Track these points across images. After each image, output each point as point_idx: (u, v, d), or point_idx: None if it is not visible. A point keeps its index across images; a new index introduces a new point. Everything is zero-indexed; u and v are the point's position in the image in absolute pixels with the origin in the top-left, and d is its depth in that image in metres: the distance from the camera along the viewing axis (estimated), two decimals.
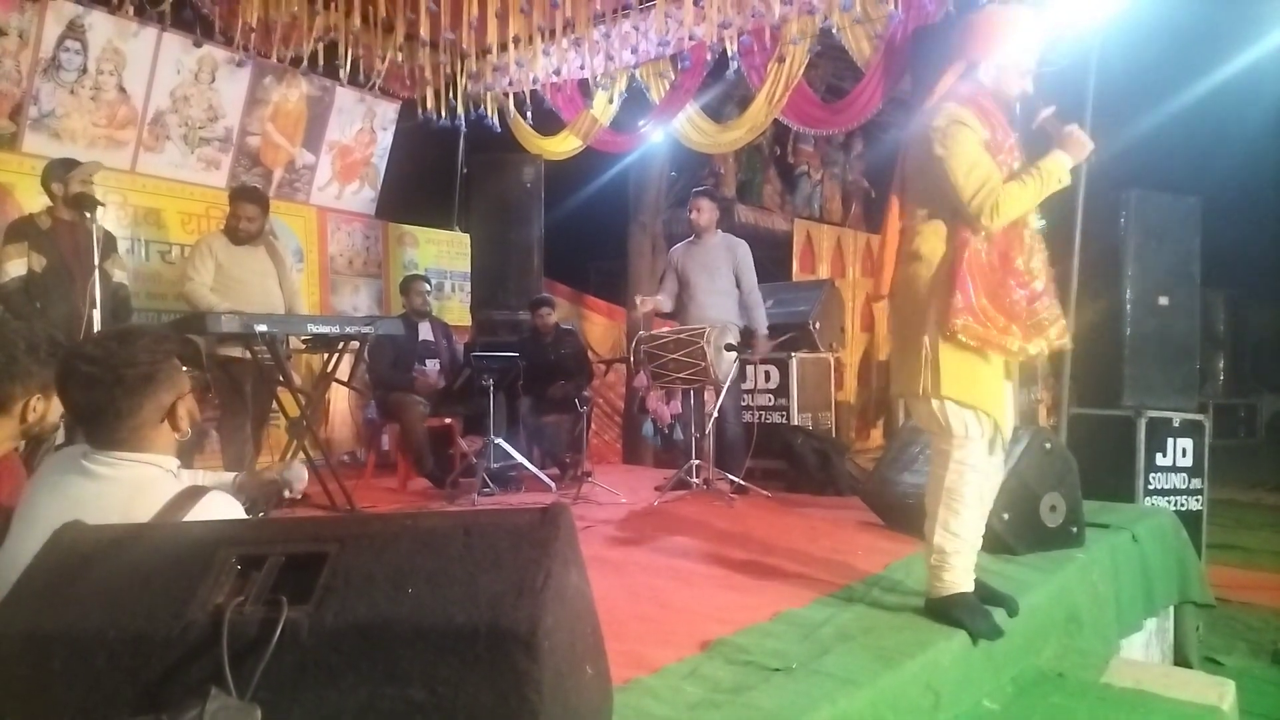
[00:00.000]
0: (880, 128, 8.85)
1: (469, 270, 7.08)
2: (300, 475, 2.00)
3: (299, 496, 2.01)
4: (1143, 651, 3.71)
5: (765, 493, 4.79)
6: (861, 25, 5.13)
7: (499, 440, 4.83)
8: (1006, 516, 3.30)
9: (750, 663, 2.14)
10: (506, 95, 6.92)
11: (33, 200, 4.43)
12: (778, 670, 2.08)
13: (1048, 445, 3.50)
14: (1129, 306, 5.14)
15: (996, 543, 3.29)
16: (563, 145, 7.05)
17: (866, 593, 2.80)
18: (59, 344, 1.88)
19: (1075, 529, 3.44)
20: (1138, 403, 5.03)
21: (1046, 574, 3.09)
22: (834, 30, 5.18)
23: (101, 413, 1.66)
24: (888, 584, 2.91)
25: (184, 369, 1.78)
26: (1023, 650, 2.65)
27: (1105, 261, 5.11)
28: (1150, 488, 4.90)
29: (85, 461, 1.67)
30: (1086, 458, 3.78)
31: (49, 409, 1.90)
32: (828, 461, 5.11)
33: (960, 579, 2.50)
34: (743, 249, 5.19)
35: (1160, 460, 4.94)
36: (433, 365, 5.59)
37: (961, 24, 2.66)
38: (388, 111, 7.05)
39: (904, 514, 3.75)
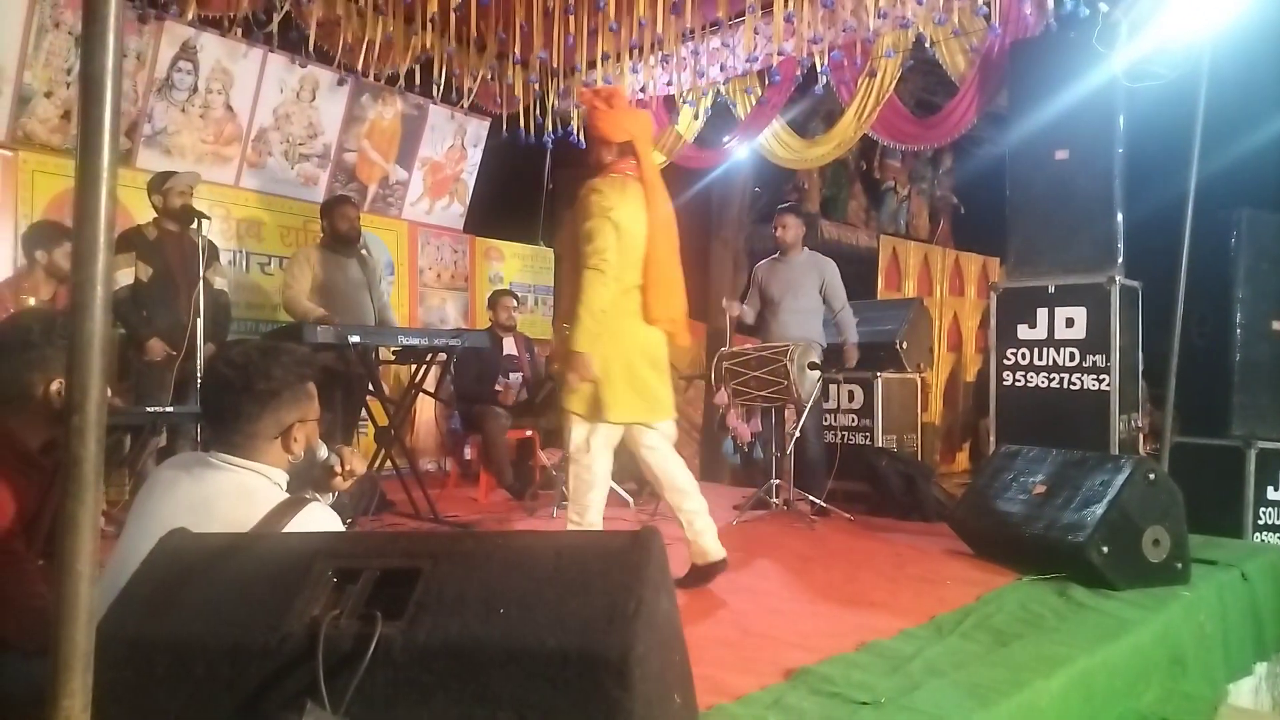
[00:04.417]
0: (972, 142, 8.62)
1: (552, 284, 7.15)
2: (348, 456, 1.99)
3: (356, 473, 1.99)
4: (1252, 698, 3.50)
5: (847, 515, 4.70)
6: (957, 39, 5.02)
7: None
8: (1106, 549, 3.17)
9: (836, 694, 2.08)
10: None
11: (144, 213, 4.63)
12: (865, 704, 2.02)
13: (1152, 476, 3.34)
14: (1239, 331, 4.91)
15: (1094, 576, 3.15)
16: None
17: (957, 625, 2.71)
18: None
19: (1180, 565, 3.27)
20: (1247, 432, 4.78)
21: (1149, 611, 2.94)
22: (927, 44, 5.08)
23: (224, 415, 1.77)
24: (979, 617, 2.80)
25: (315, 398, 1.84)
26: (1124, 693, 2.53)
27: (1214, 284, 4.88)
28: (1260, 523, 4.64)
29: (205, 458, 1.77)
30: (1190, 489, 3.59)
31: None
32: (913, 485, 4.97)
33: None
34: (831, 269, 5.12)
35: (1271, 494, 4.67)
36: (516, 379, 5.64)
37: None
38: (478, 128, 7.18)
39: (996, 543, 3.63)
